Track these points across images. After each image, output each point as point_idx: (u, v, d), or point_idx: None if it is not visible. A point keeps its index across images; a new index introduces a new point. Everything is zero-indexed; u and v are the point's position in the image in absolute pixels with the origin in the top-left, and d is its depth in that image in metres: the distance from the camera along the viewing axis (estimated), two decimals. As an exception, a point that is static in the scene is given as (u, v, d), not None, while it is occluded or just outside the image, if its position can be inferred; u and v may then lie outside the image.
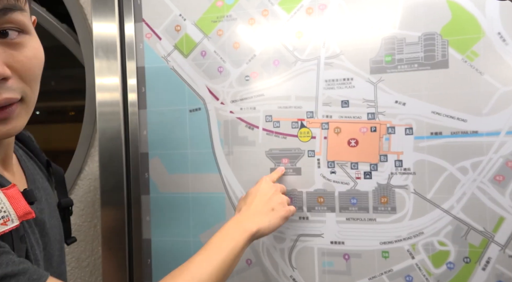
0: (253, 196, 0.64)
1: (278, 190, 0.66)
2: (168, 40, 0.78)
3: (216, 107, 0.77)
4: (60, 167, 0.61)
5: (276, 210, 0.63)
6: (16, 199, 0.44)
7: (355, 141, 0.70)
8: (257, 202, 0.63)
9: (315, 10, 0.71)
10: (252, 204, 0.63)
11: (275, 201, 0.64)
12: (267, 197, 0.64)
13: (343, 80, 0.70)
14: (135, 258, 0.81)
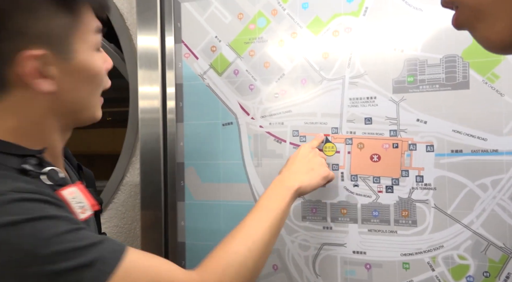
0: (293, 159, 0.69)
1: (317, 153, 0.71)
2: (204, 59, 0.86)
3: (247, 122, 0.83)
4: (90, 170, 0.67)
5: (316, 170, 0.68)
6: (85, 193, 0.53)
7: (378, 156, 0.74)
8: (297, 163, 0.68)
9: (341, 33, 0.76)
10: (292, 165, 0.68)
11: (315, 162, 0.69)
12: (306, 159, 0.69)
13: (366, 98, 0.74)
14: (171, 260, 0.87)
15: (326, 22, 0.76)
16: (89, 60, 0.51)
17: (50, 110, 0.50)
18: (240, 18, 0.83)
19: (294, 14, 0.79)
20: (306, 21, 0.78)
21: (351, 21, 0.75)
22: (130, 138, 0.99)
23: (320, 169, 0.68)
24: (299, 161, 0.69)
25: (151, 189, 0.89)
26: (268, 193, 0.63)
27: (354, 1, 0.74)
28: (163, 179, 0.88)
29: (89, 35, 0.51)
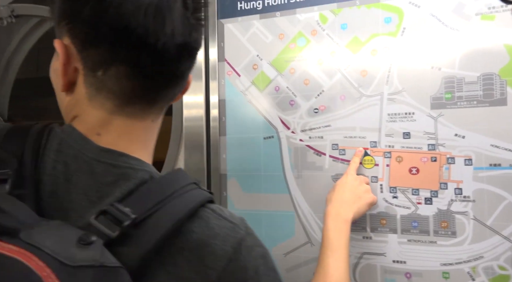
0: (342, 188, 0.74)
1: (362, 180, 0.77)
2: (246, 76, 0.91)
3: (287, 136, 0.88)
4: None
5: (363, 198, 0.74)
6: None
7: (416, 169, 0.77)
8: (346, 193, 0.73)
9: (379, 52, 0.80)
10: (343, 195, 0.73)
11: (361, 190, 0.75)
12: (354, 187, 0.75)
13: (404, 114, 0.78)
14: (214, 266, 0.92)
15: (365, 41, 0.81)
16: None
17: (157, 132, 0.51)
18: (281, 38, 0.88)
19: (333, 34, 0.83)
20: (345, 40, 0.82)
21: (389, 41, 0.79)
22: (173, 150, 1.05)
23: (366, 197, 0.75)
24: (348, 191, 0.74)
25: (195, 199, 0.94)
26: (330, 228, 0.68)
27: (392, 22, 0.78)
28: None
29: None
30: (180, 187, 0.42)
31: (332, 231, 0.68)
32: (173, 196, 0.41)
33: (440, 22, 0.75)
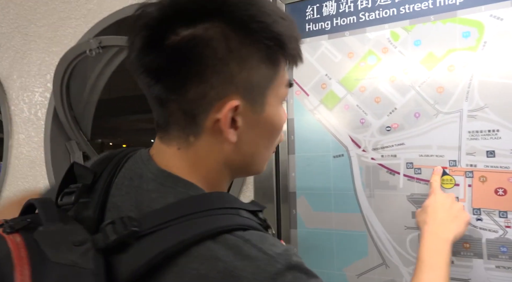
0: (434, 208, 0.71)
1: (454, 199, 0.73)
2: (315, 96, 0.92)
3: (358, 154, 0.87)
4: None
5: (459, 217, 0.70)
6: None
7: (503, 190, 0.72)
8: (440, 212, 0.70)
9: (457, 67, 0.77)
10: (437, 215, 0.69)
11: (456, 208, 0.71)
12: (448, 206, 0.71)
13: (488, 131, 0.74)
14: (284, 284, 0.92)
15: (441, 57, 0.78)
16: (275, 114, 0.49)
17: (226, 162, 0.48)
18: (350, 57, 0.88)
19: (405, 51, 0.82)
20: (419, 57, 0.81)
21: (468, 56, 0.76)
22: (241, 168, 1.08)
23: (463, 215, 0.71)
24: (442, 210, 0.70)
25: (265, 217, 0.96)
26: (429, 247, 0.66)
27: (471, 37, 0.76)
28: (275, 207, 0.95)
29: (281, 89, 0.49)
30: (208, 209, 0.42)
31: (430, 250, 0.65)
32: (193, 216, 0.41)
33: (527, 34, 0.71)
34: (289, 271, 0.39)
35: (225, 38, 0.43)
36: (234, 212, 0.43)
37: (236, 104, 0.44)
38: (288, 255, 0.41)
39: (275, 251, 0.40)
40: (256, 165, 0.52)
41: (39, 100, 1.47)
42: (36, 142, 1.46)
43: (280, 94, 0.49)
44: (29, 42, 1.49)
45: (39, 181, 1.45)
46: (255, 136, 0.49)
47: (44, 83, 1.46)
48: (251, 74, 0.45)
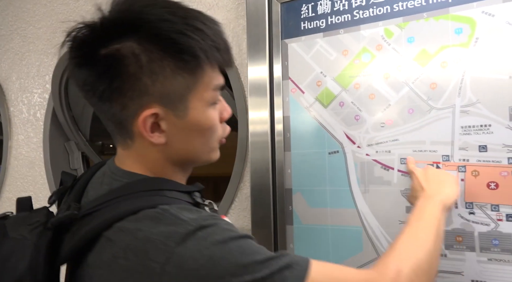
0: (421, 182, 0.73)
1: (433, 167, 0.77)
2: (310, 93, 0.93)
3: (353, 150, 0.88)
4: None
5: (447, 180, 0.72)
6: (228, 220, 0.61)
7: (495, 184, 0.73)
8: (428, 183, 0.72)
9: (449, 64, 0.78)
10: (427, 185, 0.72)
11: (440, 174, 0.74)
12: (432, 175, 0.74)
13: (480, 126, 0.75)
14: None
15: (434, 53, 0.80)
16: (201, 116, 0.54)
17: (166, 158, 0.55)
18: (345, 54, 0.89)
19: (399, 48, 0.83)
20: (412, 54, 0.82)
21: (461, 52, 0.77)
22: (239, 165, 1.09)
23: (449, 177, 0.74)
24: (430, 181, 0.73)
25: (261, 213, 0.97)
26: (420, 206, 0.67)
27: (463, 33, 0.77)
28: (272, 204, 0.96)
29: (207, 93, 0.53)
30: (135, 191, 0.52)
31: (421, 208, 0.65)
32: (124, 197, 0.51)
33: (517, 30, 0.72)
34: (200, 230, 0.46)
35: (135, 56, 0.49)
36: (159, 193, 0.53)
37: (153, 112, 0.51)
38: (202, 219, 0.48)
39: (189, 217, 0.47)
40: (200, 158, 0.59)
41: (38, 101, 1.48)
42: (35, 142, 1.47)
43: (206, 98, 0.54)
44: (28, 44, 1.50)
45: (38, 182, 1.46)
46: (186, 136, 0.55)
47: (43, 84, 1.47)
48: (166, 84, 0.50)
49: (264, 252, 0.48)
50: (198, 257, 0.45)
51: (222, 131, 0.59)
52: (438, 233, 0.61)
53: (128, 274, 0.46)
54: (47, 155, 1.43)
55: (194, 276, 0.44)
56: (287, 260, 0.48)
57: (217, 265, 0.45)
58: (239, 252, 0.46)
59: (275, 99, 0.97)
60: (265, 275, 0.45)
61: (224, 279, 0.44)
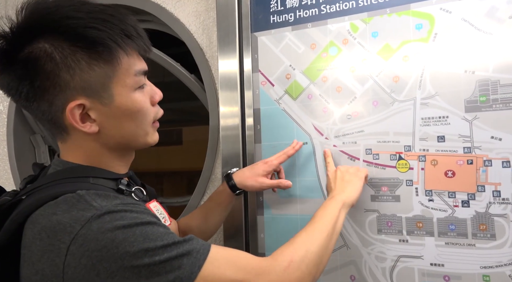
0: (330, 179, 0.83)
1: (349, 168, 0.84)
2: (280, 86, 0.95)
3: (321, 142, 0.90)
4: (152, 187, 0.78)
5: (352, 180, 0.80)
6: (161, 206, 0.67)
7: (452, 172, 0.78)
8: (337, 182, 0.81)
9: (410, 58, 0.82)
10: (335, 183, 0.80)
11: (350, 173, 0.82)
12: (343, 175, 0.81)
13: (438, 117, 0.79)
14: (252, 269, 0.95)
15: (396, 48, 0.83)
16: (127, 101, 0.58)
17: (102, 145, 0.60)
18: (313, 48, 0.91)
19: (364, 42, 0.86)
20: (376, 48, 0.85)
21: (421, 47, 0.80)
22: (210, 158, 1.10)
23: (354, 177, 0.81)
24: (339, 180, 0.81)
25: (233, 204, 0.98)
26: (323, 206, 0.74)
27: (423, 29, 0.80)
28: (243, 195, 0.97)
29: (129, 79, 0.58)
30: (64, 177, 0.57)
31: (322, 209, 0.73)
32: (53, 183, 0.57)
33: (473, 26, 0.76)
34: (107, 214, 0.50)
35: (48, 55, 0.53)
36: (84, 180, 0.58)
37: (77, 103, 0.55)
38: (112, 205, 0.52)
39: (101, 203, 0.52)
40: (137, 141, 0.62)
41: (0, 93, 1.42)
42: (-2, 136, 1.42)
43: (129, 83, 0.58)
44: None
45: (2, 176, 1.41)
46: (117, 122, 0.59)
47: (5, 75, 1.41)
48: (84, 76, 0.55)
49: (167, 238, 0.51)
50: (100, 238, 0.48)
51: (154, 114, 0.63)
52: (334, 229, 0.68)
53: (42, 253, 0.50)
54: (11, 149, 1.38)
55: (96, 256, 0.48)
56: (188, 247, 0.52)
57: (119, 247, 0.48)
58: (141, 237, 0.50)
59: (245, 92, 0.98)
60: (164, 259, 0.49)
61: (124, 260, 0.48)
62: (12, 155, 1.38)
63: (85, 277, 0.49)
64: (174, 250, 0.51)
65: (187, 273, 0.50)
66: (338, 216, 0.71)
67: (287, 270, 0.57)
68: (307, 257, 0.60)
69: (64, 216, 0.50)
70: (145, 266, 0.49)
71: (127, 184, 0.63)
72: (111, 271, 0.48)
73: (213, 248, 0.54)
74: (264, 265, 0.57)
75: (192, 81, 1.15)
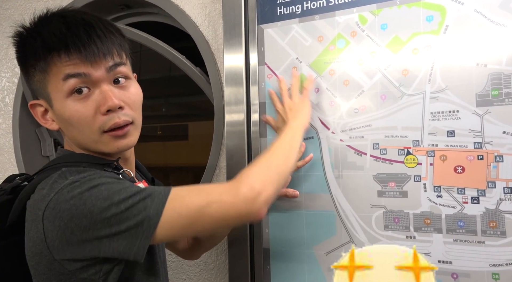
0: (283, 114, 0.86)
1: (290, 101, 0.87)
2: (286, 79, 0.93)
3: (328, 136, 0.89)
4: (161, 182, 0.82)
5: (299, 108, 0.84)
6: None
7: (462, 168, 0.76)
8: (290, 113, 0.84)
9: (420, 51, 0.80)
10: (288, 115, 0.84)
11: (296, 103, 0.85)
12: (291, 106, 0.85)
13: (448, 112, 0.77)
14: (256, 264, 0.94)
15: (406, 41, 0.81)
16: (61, 107, 0.63)
17: (71, 141, 0.68)
18: (320, 40, 0.89)
19: (373, 35, 0.84)
20: (385, 40, 0.83)
21: (431, 39, 0.78)
22: (215, 152, 1.09)
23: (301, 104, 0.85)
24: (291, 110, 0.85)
25: (237, 198, 0.97)
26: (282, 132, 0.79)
27: (434, 20, 0.78)
28: (248, 190, 0.96)
29: (58, 84, 0.62)
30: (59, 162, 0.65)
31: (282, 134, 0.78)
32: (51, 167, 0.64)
33: (486, 18, 0.74)
34: (77, 181, 0.57)
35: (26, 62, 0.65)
36: (75, 164, 0.64)
37: (35, 103, 0.67)
38: (83, 176, 0.58)
39: (77, 175, 0.58)
40: (90, 147, 0.67)
41: (7, 85, 1.42)
42: (4, 128, 1.42)
43: (60, 89, 0.62)
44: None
45: (8, 169, 1.41)
46: (63, 125, 0.66)
47: (11, 67, 1.41)
48: (32, 81, 0.65)
49: (130, 189, 0.57)
50: (69, 198, 0.55)
51: (101, 123, 0.63)
52: (291, 145, 0.74)
53: (31, 223, 0.58)
54: (17, 141, 1.38)
55: (67, 215, 0.55)
56: (149, 191, 0.58)
57: (86, 203, 0.54)
58: (106, 191, 0.56)
59: (251, 85, 0.97)
60: (129, 205, 0.55)
61: (93, 214, 0.54)
62: (18, 148, 1.38)
63: (62, 238, 0.55)
64: (137, 196, 0.57)
65: (153, 211, 0.56)
66: (294, 135, 0.77)
67: (249, 183, 0.61)
68: (266, 178, 0.64)
69: (47, 189, 0.58)
70: (114, 215, 0.54)
71: (115, 168, 0.68)
72: (83, 226, 0.54)
73: (174, 187, 0.60)
74: (226, 185, 0.62)
75: (198, 74, 1.14)
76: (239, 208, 0.59)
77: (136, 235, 0.55)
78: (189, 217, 0.57)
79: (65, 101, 0.62)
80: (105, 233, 0.54)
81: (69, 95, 0.62)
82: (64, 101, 0.62)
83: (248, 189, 0.60)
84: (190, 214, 0.57)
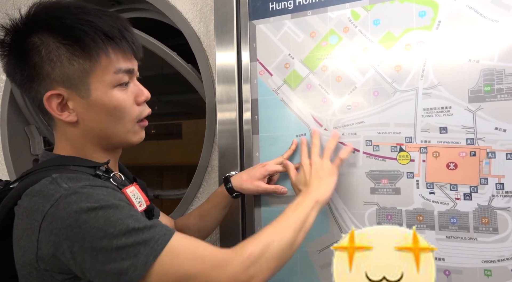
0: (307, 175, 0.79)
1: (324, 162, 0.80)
2: (278, 76, 0.92)
3: (320, 133, 0.88)
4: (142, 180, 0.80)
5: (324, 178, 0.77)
6: (140, 191, 0.68)
7: (454, 164, 0.75)
8: (312, 178, 0.77)
9: (413, 46, 0.79)
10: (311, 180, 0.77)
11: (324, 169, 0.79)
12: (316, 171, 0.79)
13: (441, 108, 0.77)
14: (248, 263, 0.93)
15: (398, 36, 0.80)
16: (104, 97, 0.62)
17: (84, 135, 0.65)
18: (313, 36, 0.89)
19: (365, 31, 0.83)
20: (377, 36, 0.82)
21: (424, 35, 0.78)
22: (207, 150, 1.08)
23: (329, 174, 0.78)
24: (314, 175, 0.78)
25: (229, 196, 0.96)
26: (294, 202, 0.73)
27: (427, 16, 0.78)
28: (240, 188, 0.95)
29: (107, 76, 0.62)
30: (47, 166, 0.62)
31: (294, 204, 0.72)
32: (37, 171, 0.61)
33: (478, 13, 0.74)
34: (74, 194, 0.55)
35: (36, 48, 0.60)
36: (65, 168, 0.62)
37: (54, 93, 0.61)
38: (80, 187, 0.56)
39: (70, 184, 0.56)
40: (118, 137, 0.66)
41: (-6, 82, 1.39)
42: (-8, 126, 1.39)
43: (107, 80, 0.62)
44: (-18, 21, 1.40)
45: (-4, 167, 1.39)
46: (95, 115, 0.63)
47: (-1, 64, 1.38)
48: (64, 70, 0.61)
49: (128, 223, 0.54)
50: (66, 217, 0.53)
51: (138, 113, 0.66)
52: (302, 226, 0.68)
53: (23, 232, 0.57)
54: (5, 139, 1.36)
55: (62, 234, 0.53)
56: (147, 235, 0.54)
57: (81, 228, 0.53)
58: (103, 219, 0.53)
59: (243, 81, 0.96)
60: (121, 245, 0.53)
61: (84, 241, 0.53)
62: (6, 146, 1.36)
63: (54, 254, 0.54)
64: (133, 236, 0.53)
65: (142, 262, 0.53)
66: (309, 214, 0.70)
67: (244, 263, 0.58)
68: (268, 252, 0.61)
69: (39, 197, 0.56)
70: (102, 250, 0.52)
71: (106, 171, 0.66)
72: (73, 252, 0.53)
73: (174, 237, 0.56)
74: (223, 257, 0.58)
75: (189, 71, 1.12)
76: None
77: (117, 280, 0.53)
78: (173, 280, 0.55)
79: (111, 91, 0.63)
80: (90, 265, 0.53)
81: (115, 86, 0.63)
82: (109, 91, 0.63)
83: (242, 270, 0.57)
84: (175, 278, 0.55)
